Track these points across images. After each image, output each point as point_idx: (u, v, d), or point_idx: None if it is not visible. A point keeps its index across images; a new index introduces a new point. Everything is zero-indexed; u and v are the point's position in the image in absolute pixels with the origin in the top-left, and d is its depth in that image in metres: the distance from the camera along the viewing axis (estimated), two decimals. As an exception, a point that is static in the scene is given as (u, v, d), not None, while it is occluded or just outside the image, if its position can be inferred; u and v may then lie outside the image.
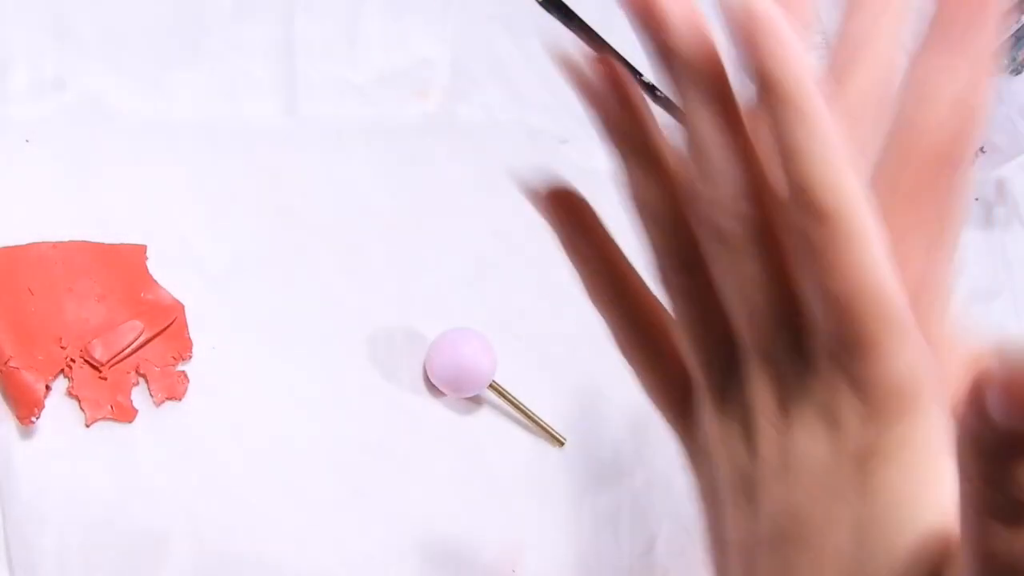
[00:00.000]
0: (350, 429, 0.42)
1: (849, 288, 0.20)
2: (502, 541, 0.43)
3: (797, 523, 0.22)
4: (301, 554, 0.38)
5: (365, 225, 0.43)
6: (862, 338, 0.20)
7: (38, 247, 0.39)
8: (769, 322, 0.22)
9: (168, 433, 0.38)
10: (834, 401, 0.21)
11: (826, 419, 0.21)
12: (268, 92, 0.50)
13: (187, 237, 0.43)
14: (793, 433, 0.22)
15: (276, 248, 0.45)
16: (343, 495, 0.41)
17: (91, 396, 0.37)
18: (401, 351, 0.45)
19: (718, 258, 0.23)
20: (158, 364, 0.39)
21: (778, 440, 0.22)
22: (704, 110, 0.21)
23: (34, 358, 0.36)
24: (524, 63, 0.59)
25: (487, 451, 0.45)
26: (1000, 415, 0.16)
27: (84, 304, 0.39)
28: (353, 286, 0.45)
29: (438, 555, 0.41)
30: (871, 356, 0.20)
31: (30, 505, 0.34)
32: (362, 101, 0.50)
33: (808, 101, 0.19)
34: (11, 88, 0.43)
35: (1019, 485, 0.16)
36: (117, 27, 0.47)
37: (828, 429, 0.21)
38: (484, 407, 0.46)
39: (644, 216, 0.24)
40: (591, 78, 0.23)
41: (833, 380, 0.21)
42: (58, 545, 0.34)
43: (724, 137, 0.21)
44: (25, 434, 0.36)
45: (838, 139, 0.20)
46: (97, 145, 0.43)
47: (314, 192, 0.47)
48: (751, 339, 0.23)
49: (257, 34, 0.51)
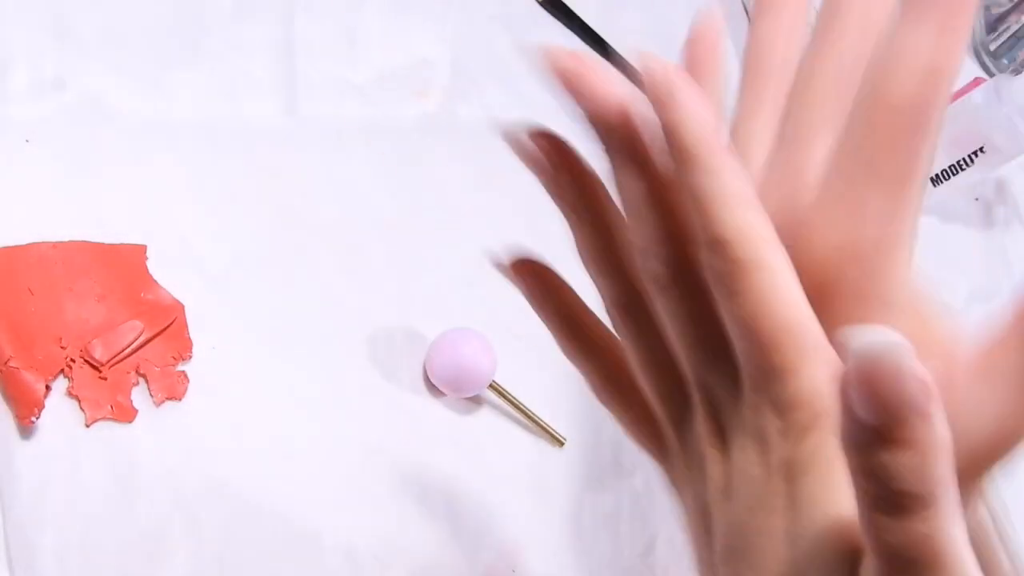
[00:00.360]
0: (350, 429, 0.42)
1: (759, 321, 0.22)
2: (502, 541, 0.43)
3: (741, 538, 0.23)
4: (301, 554, 0.38)
5: (365, 225, 0.43)
6: (773, 363, 0.22)
7: (38, 247, 0.39)
8: (703, 355, 0.24)
9: (168, 433, 0.38)
10: (761, 422, 0.22)
11: (756, 439, 0.23)
12: (268, 92, 0.50)
13: (187, 237, 0.43)
14: (732, 456, 0.24)
15: (276, 248, 0.45)
16: (343, 495, 0.41)
17: (91, 396, 0.37)
18: (401, 351, 0.45)
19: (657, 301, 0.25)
20: (158, 364, 0.39)
21: (721, 464, 0.24)
22: (626, 168, 0.24)
23: (34, 358, 0.36)
24: (524, 63, 0.59)
25: (487, 451, 0.45)
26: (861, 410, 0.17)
27: (84, 304, 0.39)
28: (353, 286, 0.45)
29: (438, 555, 0.41)
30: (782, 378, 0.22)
31: (30, 505, 0.34)
32: (362, 101, 0.50)
33: (711, 156, 0.22)
34: (11, 88, 0.43)
35: (892, 475, 0.18)
36: (117, 27, 0.47)
37: (759, 449, 0.23)
38: (484, 407, 0.46)
39: (592, 267, 0.27)
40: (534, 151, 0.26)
41: (758, 403, 0.22)
42: (58, 545, 0.34)
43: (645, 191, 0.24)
44: (25, 434, 0.36)
45: (741, 187, 0.22)
46: (97, 145, 0.43)
47: (314, 192, 0.47)
48: (691, 373, 0.25)
49: (257, 34, 0.51)
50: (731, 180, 0.22)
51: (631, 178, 0.24)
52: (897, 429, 0.17)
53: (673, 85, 0.22)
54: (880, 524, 0.18)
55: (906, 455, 0.17)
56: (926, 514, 0.18)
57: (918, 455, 0.17)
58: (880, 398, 0.17)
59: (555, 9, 0.64)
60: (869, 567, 0.19)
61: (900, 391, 0.17)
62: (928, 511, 0.18)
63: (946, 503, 0.18)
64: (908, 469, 0.18)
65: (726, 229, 0.22)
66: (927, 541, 0.18)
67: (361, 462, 0.42)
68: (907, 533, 0.18)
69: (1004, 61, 0.85)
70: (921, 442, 0.17)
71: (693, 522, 0.26)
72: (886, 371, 0.17)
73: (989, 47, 0.86)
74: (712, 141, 0.22)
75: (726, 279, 0.22)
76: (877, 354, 0.17)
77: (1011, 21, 0.84)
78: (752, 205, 0.22)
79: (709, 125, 0.22)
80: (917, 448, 0.17)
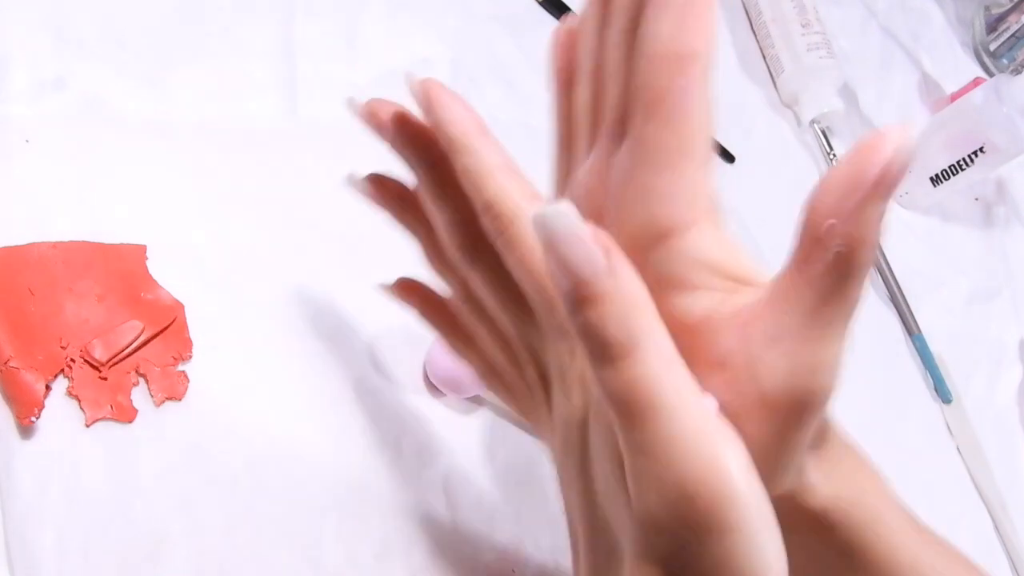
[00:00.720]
0: (350, 429, 0.42)
1: (529, 263, 0.26)
2: (502, 541, 0.43)
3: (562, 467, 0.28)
4: (301, 554, 0.38)
5: (365, 225, 0.42)
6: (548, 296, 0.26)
7: (38, 247, 0.39)
8: (515, 312, 0.28)
9: (168, 433, 0.38)
10: (559, 352, 0.26)
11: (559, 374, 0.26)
12: (268, 92, 0.50)
13: (187, 237, 0.43)
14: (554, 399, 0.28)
15: (276, 248, 0.45)
16: (343, 495, 0.41)
17: (91, 396, 0.37)
18: (401, 351, 0.45)
19: (471, 282, 0.30)
20: (158, 364, 0.39)
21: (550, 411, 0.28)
22: (419, 172, 0.31)
23: (34, 358, 0.36)
24: (524, 63, 0.59)
25: (487, 451, 0.45)
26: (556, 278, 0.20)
27: (84, 304, 0.39)
28: (353, 286, 0.45)
29: (438, 555, 0.41)
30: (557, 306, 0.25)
31: (30, 505, 0.34)
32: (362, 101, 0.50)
33: (469, 139, 0.27)
34: (11, 88, 0.43)
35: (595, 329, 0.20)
36: (117, 27, 0.47)
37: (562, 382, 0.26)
38: (484, 407, 0.46)
39: (435, 271, 0.33)
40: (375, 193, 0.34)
41: (554, 337, 0.26)
42: (58, 545, 0.34)
43: (433, 187, 0.30)
44: (25, 434, 0.35)
45: (499, 160, 0.27)
46: (97, 145, 0.43)
47: (314, 192, 0.47)
48: (515, 336, 0.29)
49: (257, 34, 0.51)
50: (489, 155, 0.27)
51: (423, 180, 0.30)
52: (586, 287, 0.19)
53: (430, 92, 0.28)
54: (601, 377, 0.20)
55: (601, 308, 0.20)
56: (630, 360, 0.20)
57: (611, 306, 0.19)
58: (564, 262, 0.19)
59: (555, 9, 0.64)
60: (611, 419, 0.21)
61: (577, 252, 0.19)
62: (631, 358, 0.20)
63: (650, 348, 0.20)
64: (605, 320, 0.20)
65: (490, 193, 0.26)
66: (634, 384, 0.20)
67: (361, 462, 0.42)
68: (619, 379, 0.20)
69: (1004, 61, 0.85)
70: (610, 294, 0.20)
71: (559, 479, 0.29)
72: (561, 237, 0.19)
73: (989, 47, 0.86)
74: (468, 128, 0.27)
75: (501, 235, 0.26)
76: (550, 223, 0.19)
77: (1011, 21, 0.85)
78: (509, 172, 0.27)
79: (463, 115, 0.27)
80: (608, 300, 0.19)
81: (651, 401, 0.20)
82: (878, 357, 0.65)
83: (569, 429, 0.25)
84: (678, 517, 0.20)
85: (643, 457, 0.20)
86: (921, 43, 0.83)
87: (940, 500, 0.61)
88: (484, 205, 0.26)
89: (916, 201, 0.72)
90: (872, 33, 0.81)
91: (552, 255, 0.19)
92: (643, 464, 0.20)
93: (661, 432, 0.20)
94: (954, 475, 0.63)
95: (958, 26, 0.88)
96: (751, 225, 0.62)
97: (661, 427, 0.20)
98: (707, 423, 0.20)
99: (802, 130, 0.71)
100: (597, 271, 0.19)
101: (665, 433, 0.20)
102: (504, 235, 0.26)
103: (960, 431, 0.63)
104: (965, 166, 0.66)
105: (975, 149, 0.65)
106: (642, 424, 0.20)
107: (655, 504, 0.20)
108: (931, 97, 0.80)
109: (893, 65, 0.80)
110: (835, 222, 0.19)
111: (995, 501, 0.62)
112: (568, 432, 0.25)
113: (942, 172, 0.68)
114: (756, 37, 0.74)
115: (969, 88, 0.76)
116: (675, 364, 0.20)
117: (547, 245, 0.19)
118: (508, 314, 0.29)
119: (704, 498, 0.19)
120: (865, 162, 0.18)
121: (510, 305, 0.29)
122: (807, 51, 0.69)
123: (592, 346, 0.20)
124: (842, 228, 0.19)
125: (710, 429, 0.20)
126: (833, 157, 0.69)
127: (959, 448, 0.63)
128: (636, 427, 0.20)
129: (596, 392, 0.24)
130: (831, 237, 0.19)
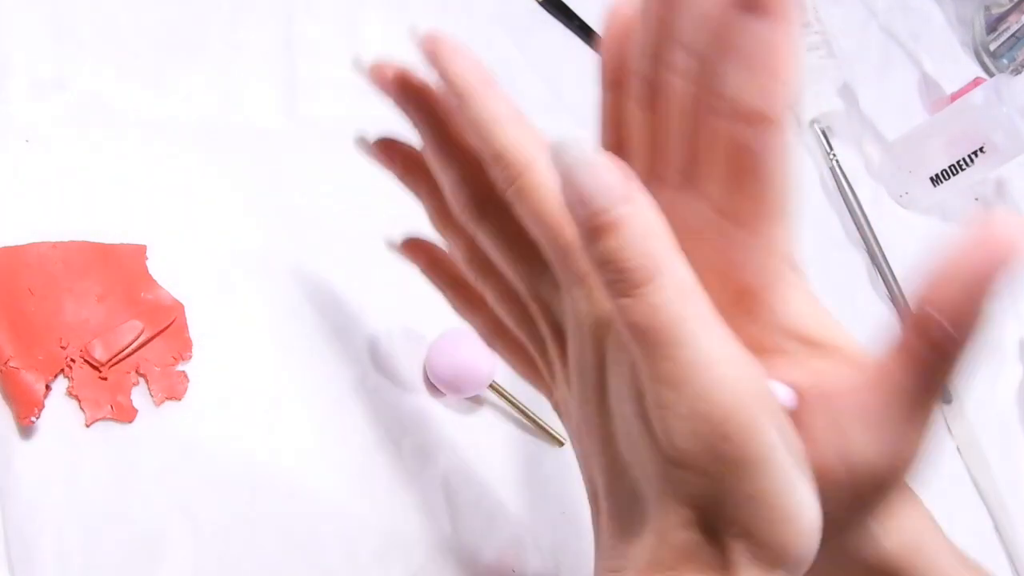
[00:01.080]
0: (350, 429, 0.42)
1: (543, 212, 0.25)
2: (502, 541, 0.43)
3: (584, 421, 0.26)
4: (301, 554, 0.38)
5: (365, 225, 0.42)
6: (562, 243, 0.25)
7: (38, 247, 0.39)
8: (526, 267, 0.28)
9: (168, 433, 0.38)
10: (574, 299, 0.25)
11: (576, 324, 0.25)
12: (268, 92, 0.50)
13: (187, 237, 0.43)
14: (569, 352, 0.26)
15: (276, 248, 0.45)
16: (343, 495, 0.41)
17: (91, 396, 0.37)
18: (401, 351, 0.45)
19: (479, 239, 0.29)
20: (158, 364, 0.39)
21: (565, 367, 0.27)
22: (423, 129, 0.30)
23: (34, 358, 0.36)
24: (524, 63, 0.59)
25: (487, 451, 0.45)
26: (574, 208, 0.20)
27: (84, 304, 0.39)
28: (353, 286, 0.45)
29: (438, 555, 0.41)
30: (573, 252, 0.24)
31: (30, 505, 0.34)
32: (362, 101, 0.50)
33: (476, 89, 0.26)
34: (11, 88, 0.43)
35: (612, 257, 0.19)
36: (117, 27, 0.47)
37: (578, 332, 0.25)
38: (484, 407, 0.46)
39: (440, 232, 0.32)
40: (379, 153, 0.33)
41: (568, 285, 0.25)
42: (58, 545, 0.34)
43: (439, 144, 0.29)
44: (25, 434, 0.35)
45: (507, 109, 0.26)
46: (97, 145, 0.43)
47: (314, 192, 0.47)
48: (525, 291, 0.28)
49: (257, 34, 0.51)
50: (497, 105, 0.26)
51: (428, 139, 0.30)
52: (603, 214, 0.19)
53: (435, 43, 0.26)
54: (620, 306, 0.20)
55: (619, 236, 0.19)
56: (650, 287, 0.19)
57: (629, 232, 0.19)
58: (581, 190, 0.19)
59: (555, 9, 0.64)
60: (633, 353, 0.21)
61: (595, 180, 0.19)
62: (651, 285, 0.19)
63: (668, 278, 0.20)
64: (623, 248, 0.19)
65: (499, 143, 0.25)
66: (656, 312, 0.19)
67: (361, 462, 0.42)
68: (640, 307, 0.20)
69: (1004, 61, 0.85)
70: (627, 220, 0.19)
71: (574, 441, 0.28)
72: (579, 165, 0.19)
73: (989, 47, 0.86)
74: (475, 78, 0.26)
75: (512, 184, 0.25)
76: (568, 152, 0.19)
77: (1011, 21, 0.84)
78: (518, 121, 0.26)
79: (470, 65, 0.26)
80: (624, 228, 0.19)
81: (673, 328, 0.19)
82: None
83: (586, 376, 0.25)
84: (707, 450, 0.19)
85: (668, 389, 0.19)
86: (921, 43, 0.83)
87: (940, 500, 0.61)
88: (494, 155, 0.25)
89: (916, 201, 0.72)
90: (872, 33, 0.81)
91: (569, 184, 0.19)
92: (668, 397, 0.19)
93: (686, 360, 0.19)
94: (954, 475, 0.63)
95: (958, 26, 0.88)
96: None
97: (686, 355, 0.19)
98: (732, 350, 0.20)
99: (802, 130, 0.71)
100: (615, 197, 0.19)
101: (691, 361, 0.19)
102: (515, 184, 0.25)
103: (960, 431, 0.63)
104: (965, 166, 0.66)
105: (975, 149, 0.65)
106: (665, 353, 0.19)
107: (682, 438, 0.19)
108: (931, 97, 0.80)
109: (893, 65, 0.80)
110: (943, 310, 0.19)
111: (995, 501, 0.61)
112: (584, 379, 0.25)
113: (942, 172, 0.68)
114: (756, 37, 0.74)
115: (969, 88, 0.76)
116: (695, 291, 0.20)
117: (564, 174, 0.19)
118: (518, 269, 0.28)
119: (734, 429, 0.19)
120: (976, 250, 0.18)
121: (520, 259, 0.28)
122: (807, 51, 0.69)
123: (611, 275, 0.20)
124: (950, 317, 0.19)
125: (736, 356, 0.20)
126: (833, 157, 0.69)
127: (959, 448, 0.63)
128: (659, 357, 0.19)
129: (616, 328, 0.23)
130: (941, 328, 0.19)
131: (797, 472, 0.19)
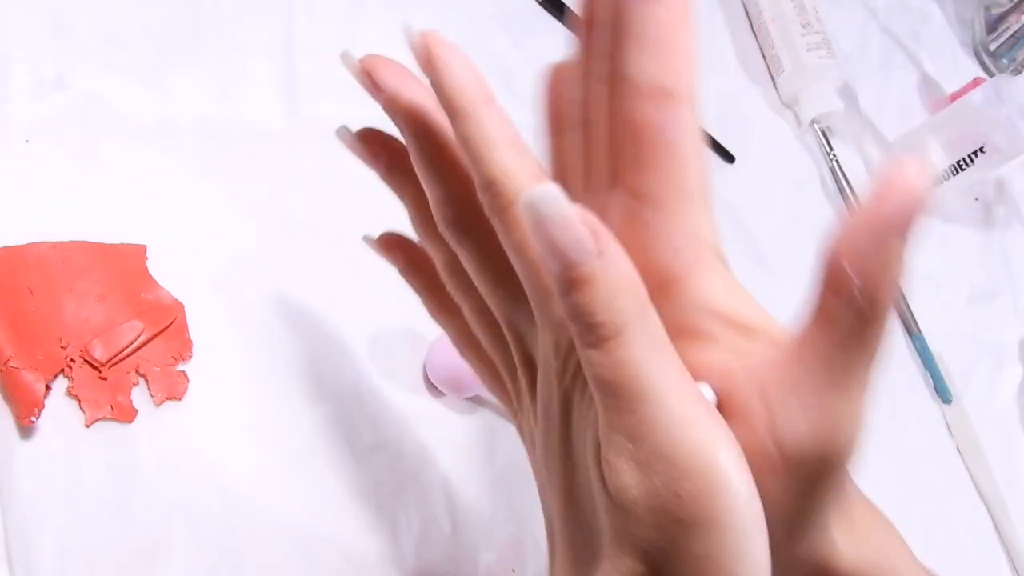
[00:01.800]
0: (350, 429, 0.42)
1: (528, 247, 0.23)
2: (502, 541, 0.43)
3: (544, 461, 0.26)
4: (301, 554, 0.38)
5: (365, 225, 0.42)
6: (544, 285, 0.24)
7: (38, 247, 0.39)
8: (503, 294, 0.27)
9: (168, 433, 0.38)
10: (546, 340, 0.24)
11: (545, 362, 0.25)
12: (268, 92, 0.50)
13: (187, 237, 0.43)
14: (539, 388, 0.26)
15: (276, 248, 0.45)
16: (343, 495, 0.41)
17: (91, 396, 0.37)
18: (401, 351, 0.45)
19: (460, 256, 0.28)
20: (158, 364, 0.39)
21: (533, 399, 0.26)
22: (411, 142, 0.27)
23: (34, 358, 0.36)
24: (524, 63, 0.59)
25: (487, 451, 0.45)
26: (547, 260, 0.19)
27: (84, 304, 0.39)
28: (353, 286, 0.45)
29: (438, 555, 0.41)
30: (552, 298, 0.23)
31: (30, 505, 0.34)
32: (362, 101, 0.50)
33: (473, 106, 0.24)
34: (11, 88, 0.43)
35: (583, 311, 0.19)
36: (117, 27, 0.47)
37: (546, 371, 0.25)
38: (484, 407, 0.46)
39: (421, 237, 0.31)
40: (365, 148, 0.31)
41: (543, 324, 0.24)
42: (58, 545, 0.34)
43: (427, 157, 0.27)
44: (25, 434, 0.35)
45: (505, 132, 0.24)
46: (97, 145, 0.43)
47: (314, 192, 0.47)
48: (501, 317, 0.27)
49: (257, 34, 0.51)
50: (494, 126, 0.24)
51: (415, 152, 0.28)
52: (574, 269, 0.19)
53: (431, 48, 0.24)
54: (587, 359, 0.20)
55: (590, 290, 0.19)
56: (618, 341, 0.19)
57: (599, 287, 0.19)
58: (552, 244, 0.19)
59: (555, 9, 0.64)
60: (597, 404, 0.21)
61: (565, 234, 0.19)
62: (619, 338, 0.19)
63: (637, 332, 0.19)
64: (593, 301, 0.19)
65: (492, 169, 0.24)
66: (621, 366, 0.19)
67: (361, 462, 0.42)
68: (606, 362, 0.19)
69: (1004, 61, 0.85)
70: (597, 275, 0.19)
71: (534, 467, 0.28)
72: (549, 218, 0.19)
73: (989, 47, 0.86)
74: (472, 92, 0.24)
75: (499, 214, 0.24)
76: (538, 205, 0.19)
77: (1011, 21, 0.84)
78: (515, 146, 0.24)
79: (468, 78, 0.24)
80: (594, 283, 0.19)
81: (638, 384, 0.19)
82: (878, 357, 0.65)
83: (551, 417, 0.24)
84: (659, 506, 0.19)
85: (626, 440, 0.19)
86: (921, 43, 0.83)
87: (940, 500, 0.61)
88: (485, 181, 0.24)
89: (916, 201, 0.72)
90: (872, 33, 0.81)
91: (540, 237, 0.19)
92: (626, 448, 0.19)
93: (647, 417, 0.19)
94: (954, 475, 0.63)
95: (958, 26, 0.88)
96: (751, 225, 0.62)
97: (647, 412, 0.19)
98: (696, 409, 0.19)
99: (802, 130, 0.71)
100: (585, 252, 0.19)
101: (651, 418, 0.19)
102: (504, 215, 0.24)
103: (960, 431, 0.63)
104: (965, 166, 0.66)
105: (975, 149, 0.65)
106: (627, 407, 0.19)
107: (636, 490, 0.19)
108: (931, 97, 0.80)
109: (893, 65, 0.80)
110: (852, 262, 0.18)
111: (995, 501, 0.62)
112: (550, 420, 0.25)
113: (942, 172, 0.68)
114: (756, 37, 0.74)
115: (969, 88, 0.76)
116: (664, 348, 0.20)
117: (535, 227, 0.19)
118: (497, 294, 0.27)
119: (691, 489, 0.19)
120: (882, 199, 0.18)
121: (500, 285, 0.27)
122: (807, 51, 0.69)
123: (580, 328, 0.20)
124: (860, 268, 0.18)
125: (700, 416, 0.19)
126: (833, 157, 0.69)
127: (959, 448, 0.63)
128: (622, 411, 0.19)
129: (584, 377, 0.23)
130: (848, 279, 0.18)
131: (753, 533, 0.19)
